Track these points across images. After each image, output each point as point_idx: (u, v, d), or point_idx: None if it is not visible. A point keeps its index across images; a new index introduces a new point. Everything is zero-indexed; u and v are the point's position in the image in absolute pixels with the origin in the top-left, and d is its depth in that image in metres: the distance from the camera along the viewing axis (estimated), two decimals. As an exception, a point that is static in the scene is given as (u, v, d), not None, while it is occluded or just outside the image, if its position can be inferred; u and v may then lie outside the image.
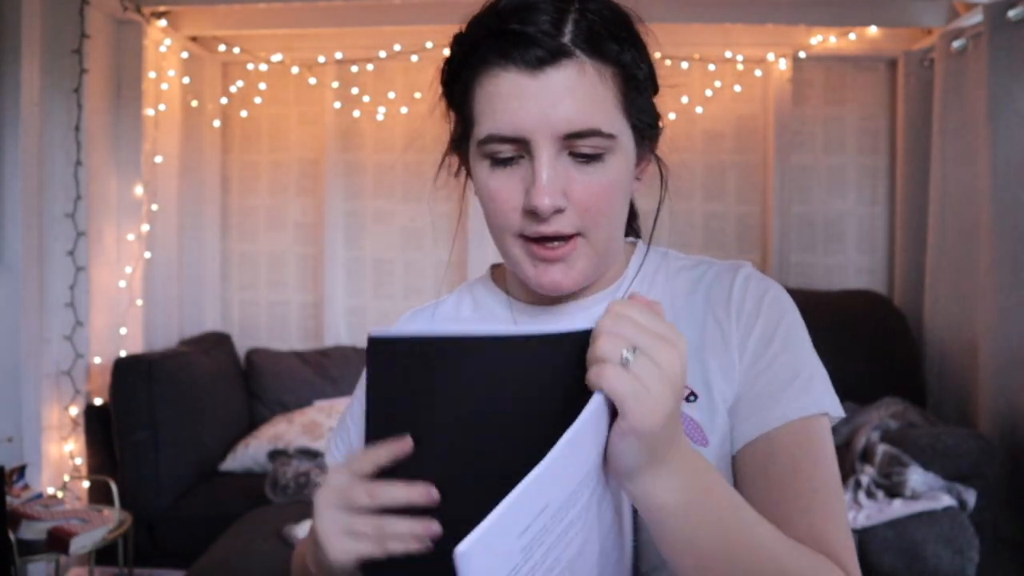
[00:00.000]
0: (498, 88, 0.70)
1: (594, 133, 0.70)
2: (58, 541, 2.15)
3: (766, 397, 0.73)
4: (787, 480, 0.70)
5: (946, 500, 2.38)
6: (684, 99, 3.55)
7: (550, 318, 0.81)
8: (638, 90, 0.74)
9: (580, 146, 0.70)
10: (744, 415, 0.73)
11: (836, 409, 0.74)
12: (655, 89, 0.79)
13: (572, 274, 0.74)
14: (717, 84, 3.59)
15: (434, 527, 0.58)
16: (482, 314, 0.86)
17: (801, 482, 0.70)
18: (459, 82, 0.75)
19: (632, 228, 0.90)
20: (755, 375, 0.74)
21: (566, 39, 0.69)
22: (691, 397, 0.75)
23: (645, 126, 0.76)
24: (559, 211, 0.71)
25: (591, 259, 0.75)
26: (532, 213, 0.71)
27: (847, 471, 2.61)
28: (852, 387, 2.79)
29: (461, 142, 0.79)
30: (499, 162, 0.73)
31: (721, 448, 0.74)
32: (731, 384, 0.75)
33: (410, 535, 0.59)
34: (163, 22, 3.19)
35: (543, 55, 0.68)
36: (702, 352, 0.76)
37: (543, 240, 0.73)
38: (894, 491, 2.45)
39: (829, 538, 0.68)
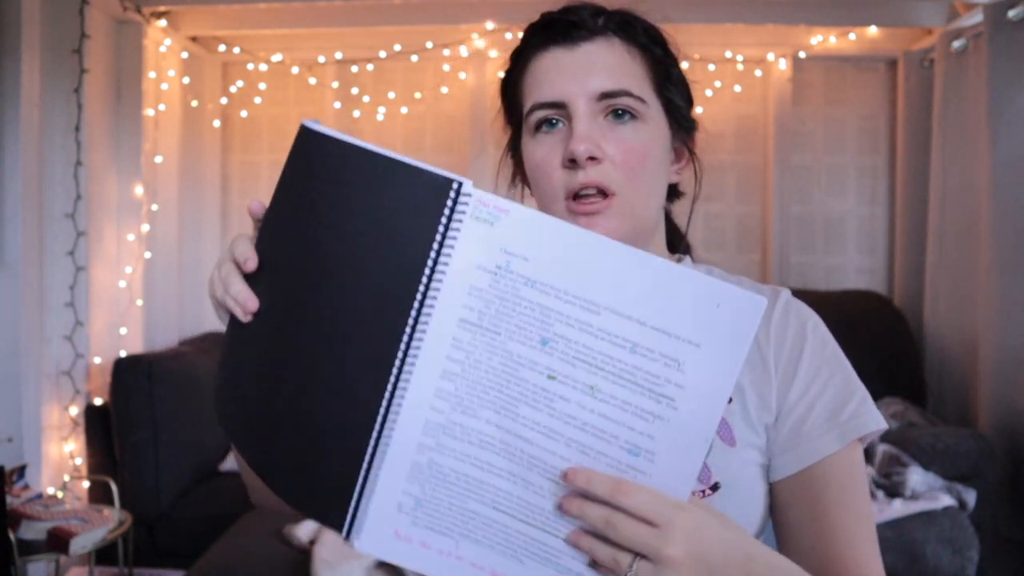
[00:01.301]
0: (541, 65, 0.80)
1: (625, 93, 0.77)
2: (58, 541, 2.15)
3: (824, 421, 0.76)
4: (836, 515, 0.75)
5: (946, 500, 2.38)
6: (684, 99, 3.54)
7: None
8: (670, 79, 0.82)
9: (614, 105, 0.77)
10: (800, 439, 0.76)
11: (883, 421, 0.77)
12: (690, 100, 0.87)
13: (611, 227, 0.77)
14: (717, 84, 3.59)
15: (251, 304, 0.64)
16: None
17: (848, 516, 0.75)
18: (512, 82, 0.84)
19: (679, 247, 0.96)
20: (810, 402, 0.77)
21: (599, 23, 0.80)
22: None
23: (678, 113, 0.83)
24: (595, 160, 0.76)
25: (625, 218, 0.78)
26: (572, 165, 0.76)
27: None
28: (852, 387, 2.79)
29: (515, 144, 0.87)
30: (543, 127, 0.79)
31: (744, 454, 0.76)
32: (766, 405, 0.77)
33: (236, 298, 0.65)
34: (163, 22, 3.19)
35: (578, 33, 0.78)
36: None
37: (583, 196, 0.78)
38: (894, 491, 2.45)
39: (869, 569, 0.74)
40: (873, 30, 3.34)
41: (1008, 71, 2.76)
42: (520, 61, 0.83)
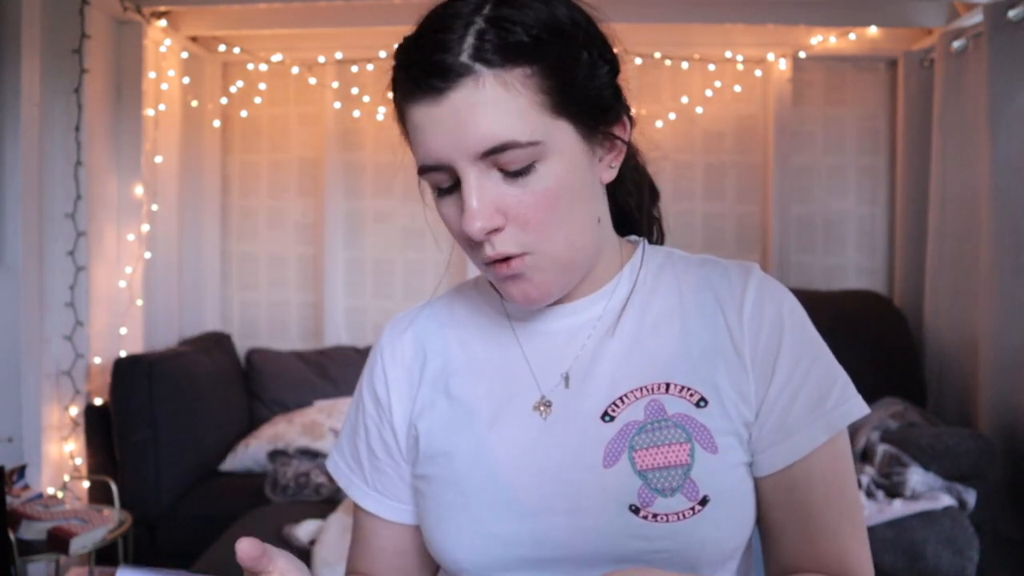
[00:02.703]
0: (414, 119, 0.69)
1: (510, 146, 0.66)
2: (58, 541, 2.15)
3: (808, 412, 0.72)
4: (821, 510, 0.73)
5: (946, 500, 2.38)
6: (684, 99, 3.55)
7: (544, 319, 0.80)
8: (574, 80, 0.69)
9: (504, 163, 0.67)
10: (784, 434, 0.73)
11: (865, 406, 0.74)
12: (614, 70, 0.74)
13: (537, 285, 0.72)
14: (717, 84, 3.59)
15: None
16: (476, 318, 0.84)
17: (832, 510, 0.73)
18: (398, 113, 0.74)
19: (636, 228, 0.88)
20: (792, 394, 0.73)
21: (464, 57, 0.66)
22: (701, 402, 0.73)
23: (593, 111, 0.71)
24: (497, 231, 0.69)
25: (551, 270, 0.72)
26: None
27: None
28: (852, 387, 2.79)
29: None
30: (443, 191, 0.72)
31: (727, 457, 0.72)
32: (746, 400, 0.73)
33: None
34: (163, 22, 3.19)
35: (440, 81, 0.66)
36: (713, 355, 0.75)
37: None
38: (894, 491, 2.45)
39: (852, 559, 0.73)
40: (873, 30, 3.34)
41: (1008, 71, 2.76)
42: (395, 98, 0.72)
